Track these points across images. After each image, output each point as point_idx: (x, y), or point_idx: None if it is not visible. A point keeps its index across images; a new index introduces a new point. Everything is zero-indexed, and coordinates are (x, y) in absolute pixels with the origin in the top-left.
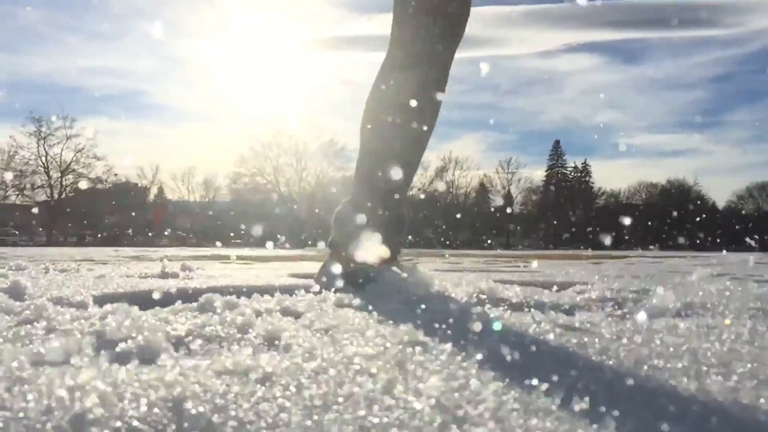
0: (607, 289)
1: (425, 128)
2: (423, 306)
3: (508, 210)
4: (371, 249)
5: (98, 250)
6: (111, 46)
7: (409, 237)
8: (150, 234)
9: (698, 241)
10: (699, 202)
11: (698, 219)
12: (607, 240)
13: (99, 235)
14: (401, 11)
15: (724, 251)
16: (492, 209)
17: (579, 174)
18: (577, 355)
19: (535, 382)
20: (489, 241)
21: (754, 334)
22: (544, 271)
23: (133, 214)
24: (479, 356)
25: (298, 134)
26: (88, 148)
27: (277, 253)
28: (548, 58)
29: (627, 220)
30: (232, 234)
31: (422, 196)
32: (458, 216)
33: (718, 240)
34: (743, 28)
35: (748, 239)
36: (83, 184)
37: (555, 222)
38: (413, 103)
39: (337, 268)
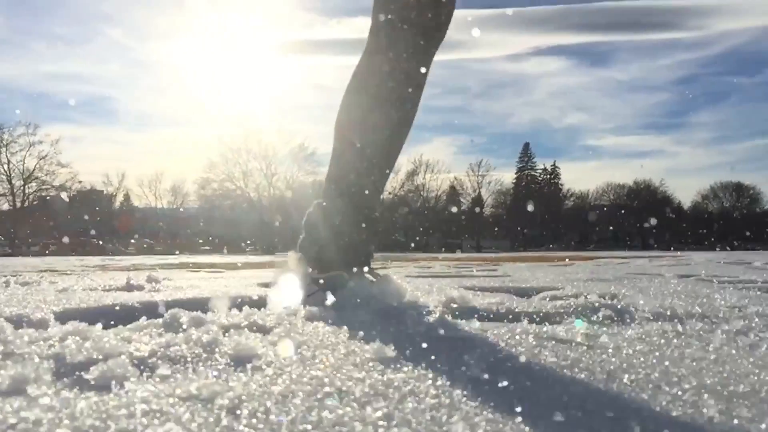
0: (578, 295)
1: (399, 134)
2: (395, 318)
3: (479, 212)
4: (343, 254)
5: (62, 260)
6: (76, 50)
7: (381, 240)
8: (116, 242)
9: (665, 242)
10: (666, 203)
11: (665, 219)
12: (577, 241)
13: (64, 243)
14: (379, 18)
15: (694, 255)
16: (463, 212)
17: (548, 176)
18: (555, 370)
19: (513, 404)
20: (460, 247)
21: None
22: (514, 276)
23: (99, 221)
24: (453, 374)
25: (268, 139)
26: (51, 155)
27: (248, 259)
28: (517, 61)
29: (595, 221)
30: (201, 241)
31: (394, 200)
32: (429, 219)
33: (685, 239)
34: (706, 31)
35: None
36: (47, 192)
37: (525, 224)
38: (388, 107)
39: (306, 274)
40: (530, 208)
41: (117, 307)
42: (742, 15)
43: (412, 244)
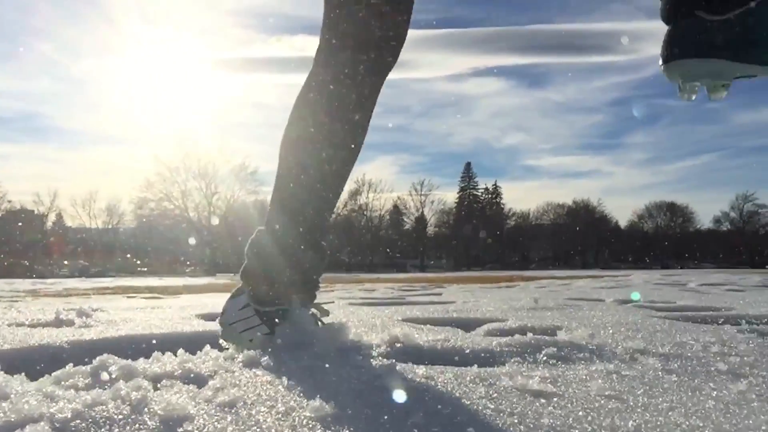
0: (523, 329)
1: (349, 155)
2: (336, 364)
3: (423, 231)
4: (287, 286)
5: None
6: (3, 66)
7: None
8: (49, 264)
9: (604, 260)
10: (603, 222)
11: (603, 238)
12: (518, 260)
13: None
14: (328, 38)
15: (631, 275)
16: (407, 231)
17: (490, 195)
18: (510, 428)
19: None
20: (405, 267)
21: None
22: (458, 303)
23: (30, 242)
24: None
25: (207, 157)
26: None
27: (186, 282)
28: (457, 81)
29: (535, 241)
30: (138, 262)
31: (337, 219)
32: (373, 238)
33: (623, 258)
34: (638, 55)
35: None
36: None
37: (468, 243)
38: (337, 127)
39: (248, 306)
40: (472, 230)
41: (44, 352)
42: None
43: (358, 262)
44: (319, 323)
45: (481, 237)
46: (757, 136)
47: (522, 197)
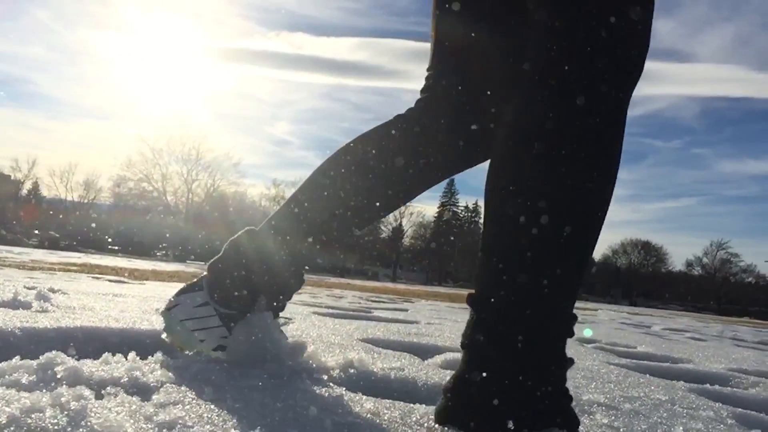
0: None
1: (390, 202)
2: (284, 389)
3: (398, 242)
4: (260, 292)
5: None
6: None
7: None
8: (18, 232)
9: None
10: None
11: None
12: None
13: None
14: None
15: (598, 310)
16: (382, 240)
17: (469, 214)
18: None
19: None
20: (377, 275)
21: None
22: (421, 324)
23: (1, 208)
24: None
25: (191, 143)
26: None
27: (155, 266)
28: None
29: None
30: (109, 240)
31: None
32: (348, 242)
33: (593, 290)
34: None
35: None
36: None
37: (442, 258)
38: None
39: (207, 305)
40: (447, 246)
41: None
42: (665, 82)
43: (331, 264)
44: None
45: (455, 253)
46: (737, 186)
47: None
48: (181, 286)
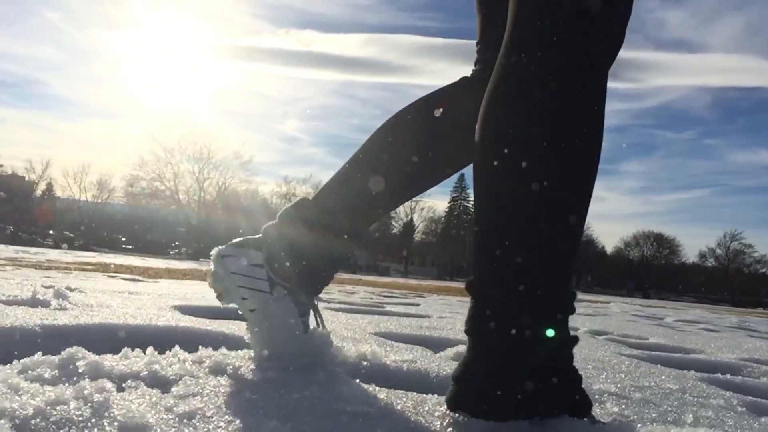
0: None
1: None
2: (300, 380)
3: (410, 237)
4: (313, 267)
5: None
6: (9, 30)
7: None
8: (33, 233)
9: (586, 283)
10: (590, 245)
11: (588, 261)
12: None
13: None
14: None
15: (610, 303)
16: (394, 236)
17: None
18: None
19: None
20: (387, 271)
21: None
22: (433, 318)
23: (17, 209)
24: None
25: (202, 141)
26: None
27: (168, 265)
28: None
29: None
30: (123, 239)
31: None
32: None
33: (606, 283)
34: (641, 84)
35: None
36: None
37: (454, 253)
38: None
39: (262, 267)
40: (458, 241)
41: (16, 335)
42: (676, 73)
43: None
44: (318, 321)
45: (467, 248)
46: (750, 176)
47: None
48: (195, 283)
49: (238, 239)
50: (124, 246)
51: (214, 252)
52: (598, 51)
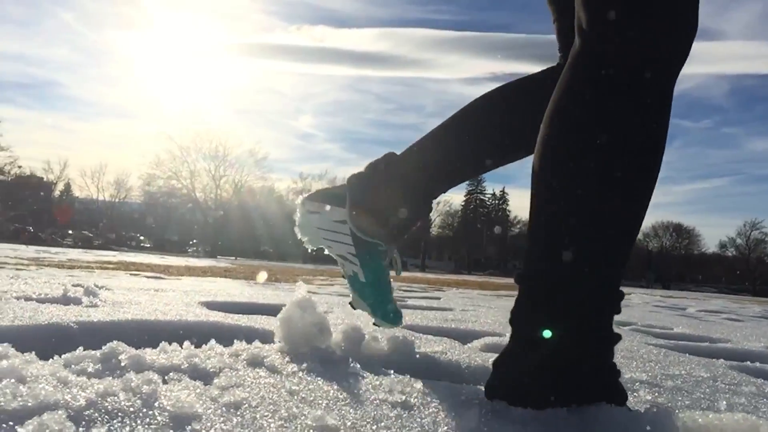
0: None
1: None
2: (339, 369)
3: (426, 231)
4: (397, 224)
5: None
6: (24, 32)
7: None
8: (52, 233)
9: None
10: None
11: None
12: (519, 268)
13: None
14: None
15: (631, 294)
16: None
17: (496, 201)
18: None
19: None
20: (405, 265)
21: None
22: (456, 311)
23: (36, 209)
24: None
25: (218, 139)
26: None
27: (188, 262)
28: (473, 84)
29: None
30: (141, 237)
31: None
32: None
33: (625, 275)
34: None
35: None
36: None
37: (471, 247)
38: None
39: (344, 223)
40: (475, 234)
41: (52, 330)
42: (693, 61)
43: None
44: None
45: (483, 242)
46: None
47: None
48: (216, 280)
49: (322, 189)
50: (142, 245)
51: (298, 201)
52: (666, 55)
